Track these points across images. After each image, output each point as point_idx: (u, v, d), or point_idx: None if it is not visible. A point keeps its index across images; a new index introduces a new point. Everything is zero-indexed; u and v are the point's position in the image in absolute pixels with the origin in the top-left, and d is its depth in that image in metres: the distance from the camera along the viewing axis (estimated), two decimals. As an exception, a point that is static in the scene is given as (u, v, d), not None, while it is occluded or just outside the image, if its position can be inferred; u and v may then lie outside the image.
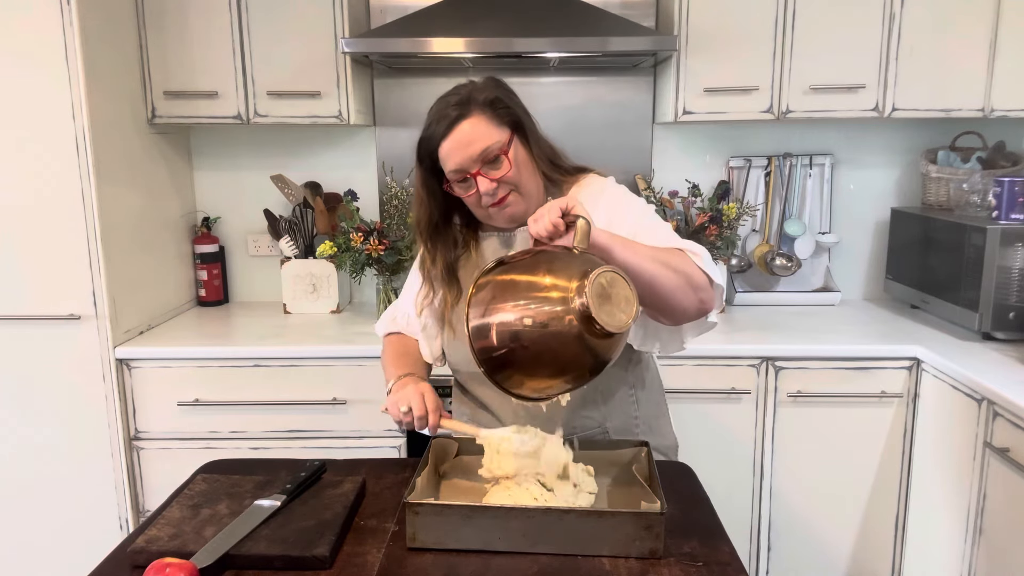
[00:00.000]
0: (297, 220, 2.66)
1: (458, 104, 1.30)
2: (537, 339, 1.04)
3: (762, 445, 2.28)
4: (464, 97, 1.31)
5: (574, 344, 1.04)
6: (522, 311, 1.04)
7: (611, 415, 1.45)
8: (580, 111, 2.73)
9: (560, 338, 1.04)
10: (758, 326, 2.45)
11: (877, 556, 2.32)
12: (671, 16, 2.40)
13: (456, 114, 1.29)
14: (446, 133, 1.30)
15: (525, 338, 1.04)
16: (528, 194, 1.35)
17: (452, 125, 1.29)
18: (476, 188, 1.31)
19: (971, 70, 2.35)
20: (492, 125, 1.31)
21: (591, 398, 1.43)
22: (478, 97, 1.31)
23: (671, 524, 1.16)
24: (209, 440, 2.28)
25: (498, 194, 1.32)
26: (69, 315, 2.18)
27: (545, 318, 1.03)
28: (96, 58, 2.13)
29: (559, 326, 1.03)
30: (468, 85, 1.34)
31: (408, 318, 1.56)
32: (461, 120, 1.29)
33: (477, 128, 1.29)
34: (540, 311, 1.04)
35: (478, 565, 1.08)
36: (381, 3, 2.65)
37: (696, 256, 1.25)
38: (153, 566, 1.00)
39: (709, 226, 2.49)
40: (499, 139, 1.30)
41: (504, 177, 1.31)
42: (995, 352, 2.13)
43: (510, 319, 1.05)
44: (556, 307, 1.03)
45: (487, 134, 1.30)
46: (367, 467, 1.41)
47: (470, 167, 1.30)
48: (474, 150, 1.29)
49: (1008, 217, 2.19)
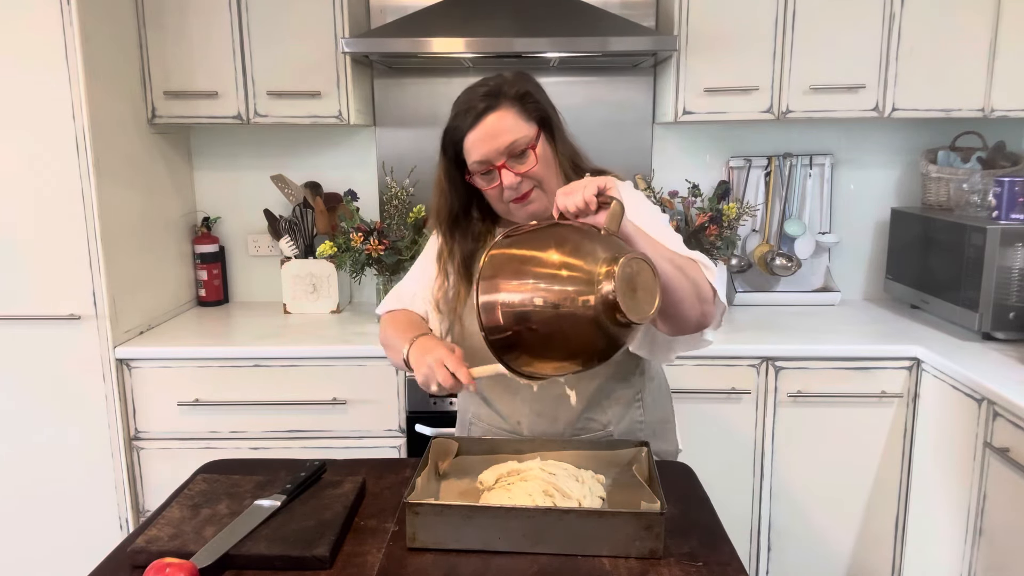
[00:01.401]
0: (297, 220, 2.66)
1: (487, 95, 1.30)
2: (550, 320, 1.01)
3: (762, 445, 2.28)
4: (493, 89, 1.31)
5: (589, 328, 1.02)
6: (538, 291, 1.01)
7: (617, 419, 1.45)
8: (580, 111, 2.72)
9: (575, 321, 1.01)
10: (758, 326, 2.45)
11: (877, 556, 2.32)
12: (671, 16, 2.40)
13: (484, 105, 1.29)
14: (474, 124, 1.29)
15: (537, 319, 1.01)
16: (550, 192, 1.33)
17: (480, 116, 1.29)
18: (499, 181, 1.30)
19: (971, 70, 2.35)
20: (520, 119, 1.31)
21: (596, 401, 1.43)
22: (508, 90, 1.31)
23: (671, 524, 1.16)
24: (209, 440, 2.28)
25: (522, 189, 1.32)
26: (69, 315, 2.18)
27: (561, 299, 1.00)
28: (96, 58, 2.13)
29: (575, 307, 1.00)
30: (497, 78, 1.33)
31: (413, 297, 1.51)
32: (489, 111, 1.29)
33: (505, 120, 1.29)
34: (560, 292, 1.01)
35: (478, 565, 1.08)
36: (381, 3, 2.65)
37: (708, 270, 1.25)
38: (153, 566, 1.00)
39: (709, 226, 2.49)
40: (527, 134, 1.30)
41: (529, 172, 1.31)
42: (995, 352, 2.12)
43: (524, 298, 1.02)
44: (577, 287, 1.00)
45: (515, 127, 1.30)
46: (367, 467, 1.41)
47: (495, 159, 1.29)
48: (501, 142, 1.29)
49: (1008, 217, 2.19)
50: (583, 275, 1.01)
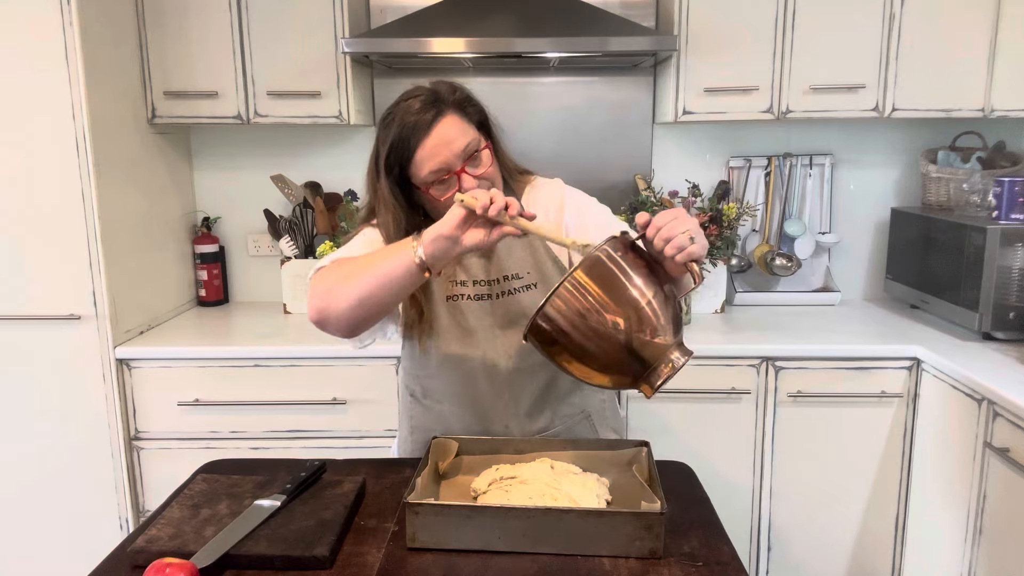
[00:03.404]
0: (297, 220, 2.66)
1: (431, 104, 1.30)
2: (593, 348, 1.08)
3: (762, 445, 2.28)
4: (432, 99, 1.31)
5: (618, 367, 1.10)
6: (603, 330, 1.07)
7: (587, 401, 1.51)
8: (580, 111, 2.73)
9: (612, 353, 1.09)
10: (758, 326, 2.45)
11: (877, 556, 2.32)
12: (671, 16, 2.40)
13: (434, 113, 1.29)
14: (427, 132, 1.28)
15: (580, 342, 1.08)
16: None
17: (432, 124, 1.29)
18: (458, 187, 1.30)
19: (971, 70, 2.35)
20: (466, 124, 1.32)
21: (575, 388, 1.49)
22: (448, 98, 1.32)
23: (671, 524, 1.16)
24: (209, 440, 2.28)
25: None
26: (69, 315, 2.18)
27: (615, 348, 1.08)
28: (96, 58, 2.13)
29: (621, 358, 1.09)
30: (428, 89, 1.33)
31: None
32: (440, 118, 1.29)
33: (455, 126, 1.30)
34: (619, 341, 1.07)
35: (478, 565, 1.08)
36: (381, 3, 2.65)
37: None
38: (153, 566, 1.00)
39: (709, 226, 2.49)
40: (475, 136, 1.32)
41: (485, 174, 1.32)
42: (995, 352, 2.12)
43: (588, 328, 1.07)
44: (637, 347, 1.08)
45: (464, 131, 1.31)
46: (367, 467, 1.41)
47: (454, 165, 1.30)
48: (457, 147, 1.29)
49: (1008, 217, 2.19)
50: (648, 334, 1.08)
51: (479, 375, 1.42)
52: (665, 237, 1.08)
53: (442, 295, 1.41)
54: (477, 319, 1.40)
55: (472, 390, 1.43)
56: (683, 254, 1.07)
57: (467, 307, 1.40)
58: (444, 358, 1.42)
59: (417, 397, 1.50)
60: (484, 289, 1.40)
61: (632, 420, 2.24)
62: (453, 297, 1.41)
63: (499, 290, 1.40)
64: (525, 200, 1.44)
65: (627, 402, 2.24)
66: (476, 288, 1.40)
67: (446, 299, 1.41)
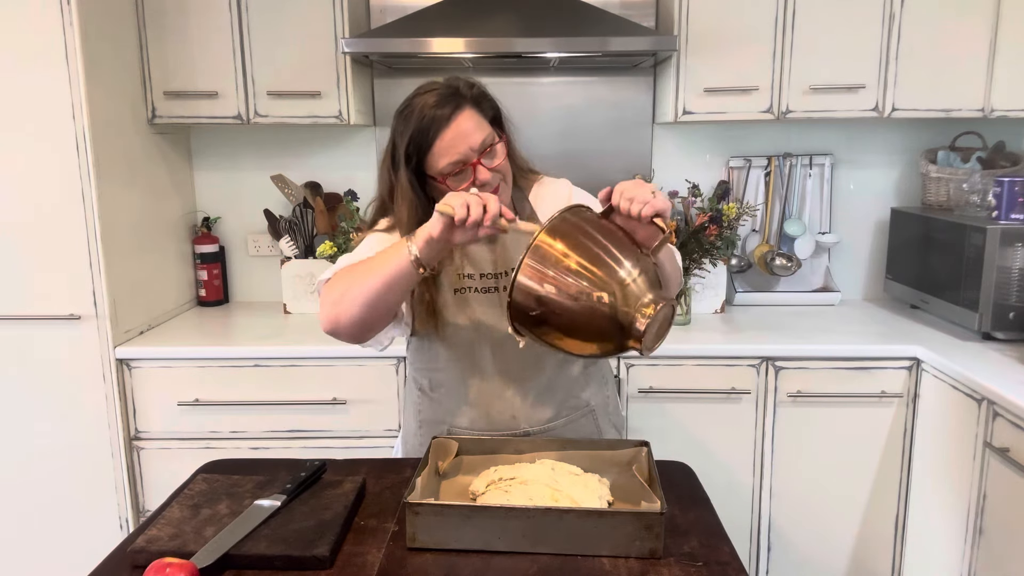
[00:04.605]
0: (297, 220, 2.66)
1: (449, 97, 1.33)
2: (573, 318, 1.11)
3: (762, 445, 2.28)
4: (449, 92, 1.34)
5: (603, 334, 1.12)
6: (576, 290, 1.10)
7: (592, 396, 1.53)
8: (580, 111, 2.73)
9: (596, 322, 1.11)
10: (758, 326, 2.45)
11: (877, 556, 2.32)
12: (671, 16, 2.40)
13: (452, 107, 1.33)
14: (446, 125, 1.32)
15: (562, 316, 1.11)
16: (511, 186, 1.42)
17: (451, 118, 1.32)
18: (473, 179, 1.34)
19: (971, 70, 2.35)
20: (481, 118, 1.36)
21: (581, 381, 1.51)
22: (466, 93, 1.36)
23: (671, 524, 1.16)
24: (209, 440, 2.28)
25: (492, 184, 1.36)
26: (69, 315, 2.18)
27: (589, 307, 1.10)
28: (96, 58, 2.13)
29: (601, 319, 1.10)
30: (444, 83, 1.37)
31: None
32: (458, 113, 1.33)
33: (472, 119, 1.34)
34: (593, 300, 1.09)
35: (478, 565, 1.08)
36: (381, 3, 2.65)
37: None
38: (153, 566, 1.00)
39: (709, 226, 2.48)
40: (490, 131, 1.36)
41: (499, 166, 1.36)
42: (995, 352, 2.13)
43: (560, 299, 1.10)
44: (612, 300, 1.10)
45: (481, 125, 1.35)
46: (367, 467, 1.41)
47: (471, 157, 1.33)
48: (474, 140, 1.33)
49: (1008, 217, 2.19)
50: (620, 292, 1.10)
51: (487, 367, 1.44)
52: (628, 197, 1.16)
53: (450, 288, 1.42)
54: (484, 311, 1.42)
55: (480, 382, 1.45)
56: (648, 207, 1.14)
57: (474, 299, 1.43)
58: (452, 350, 1.45)
59: (425, 390, 1.51)
60: (491, 282, 1.43)
61: (632, 420, 2.24)
62: (461, 290, 1.43)
63: (506, 283, 1.41)
64: (532, 197, 1.49)
65: (627, 402, 2.24)
66: (483, 281, 1.43)
67: (454, 292, 1.42)
